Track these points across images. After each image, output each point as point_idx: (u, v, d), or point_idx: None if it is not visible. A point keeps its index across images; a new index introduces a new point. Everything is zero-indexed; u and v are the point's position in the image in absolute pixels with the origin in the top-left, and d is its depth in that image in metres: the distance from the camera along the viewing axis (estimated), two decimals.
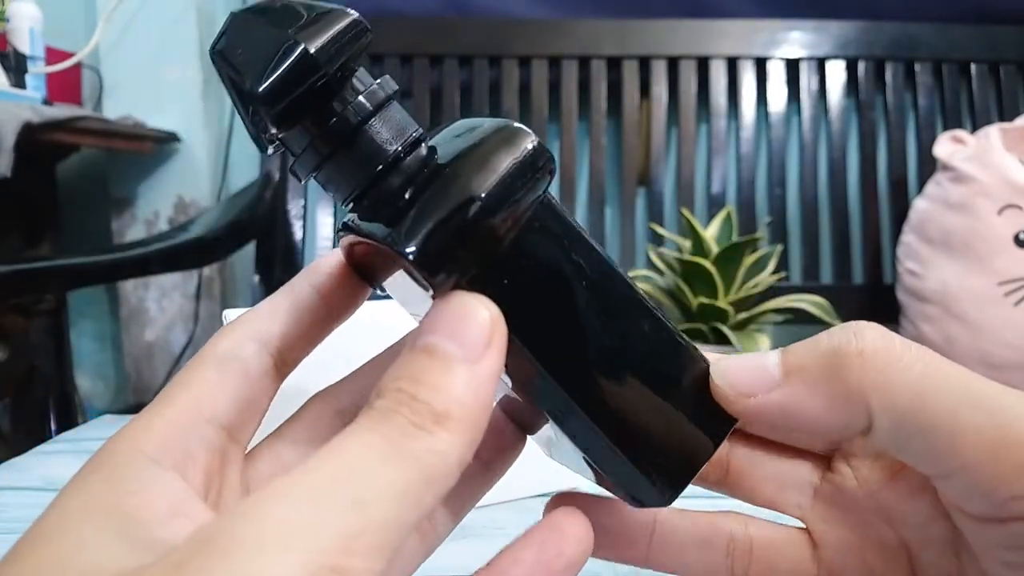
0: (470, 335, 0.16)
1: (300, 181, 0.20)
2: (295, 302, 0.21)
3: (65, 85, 1.24)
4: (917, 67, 1.24)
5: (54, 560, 0.15)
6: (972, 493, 0.18)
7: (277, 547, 0.13)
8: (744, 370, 0.20)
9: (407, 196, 0.18)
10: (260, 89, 0.17)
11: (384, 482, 0.14)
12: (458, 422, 0.15)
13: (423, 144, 0.19)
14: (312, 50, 0.17)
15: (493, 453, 0.23)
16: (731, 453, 0.23)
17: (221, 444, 0.18)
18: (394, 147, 0.18)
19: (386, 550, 0.14)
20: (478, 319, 0.16)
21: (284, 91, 0.17)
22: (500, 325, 0.17)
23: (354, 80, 0.18)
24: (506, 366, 0.17)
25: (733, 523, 0.23)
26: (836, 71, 1.23)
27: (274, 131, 0.18)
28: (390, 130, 0.19)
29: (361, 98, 0.18)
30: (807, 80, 1.23)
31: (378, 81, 0.19)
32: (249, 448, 0.21)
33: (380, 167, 0.18)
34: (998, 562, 0.19)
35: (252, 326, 0.20)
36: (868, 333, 0.19)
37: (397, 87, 0.19)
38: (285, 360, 0.20)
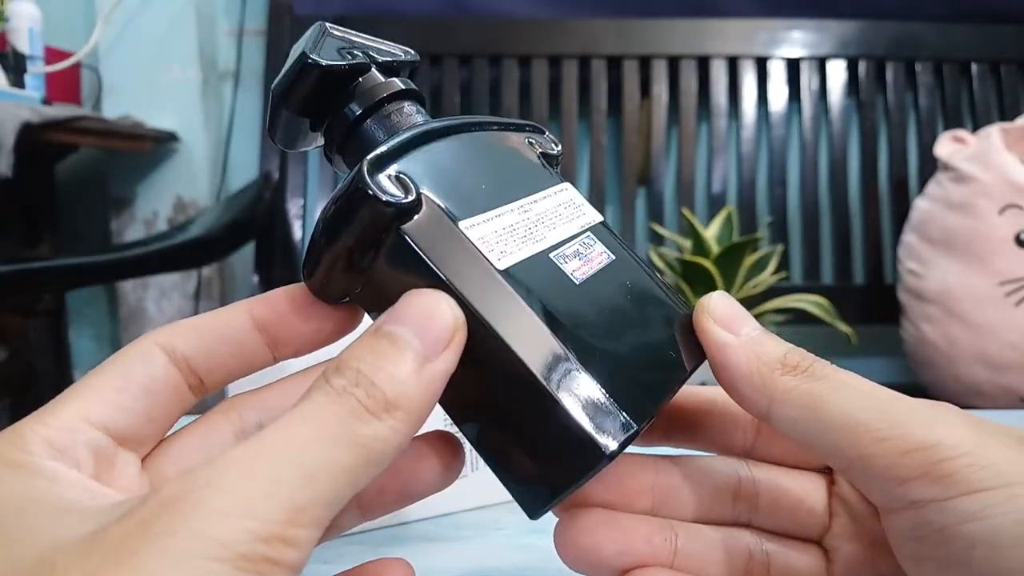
0: (433, 333, 0.17)
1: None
2: (223, 327, 0.20)
3: (64, 85, 1.24)
4: (918, 66, 1.23)
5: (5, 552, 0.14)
6: (870, 481, 0.20)
7: (237, 513, 0.14)
8: (733, 312, 0.22)
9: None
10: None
11: (331, 461, 0.15)
12: (406, 413, 0.16)
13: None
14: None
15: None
16: (756, 480, 0.24)
17: (109, 450, 0.18)
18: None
19: (324, 521, 0.15)
20: (444, 319, 0.17)
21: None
22: (462, 330, 0.18)
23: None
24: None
25: (749, 539, 0.23)
26: (837, 71, 1.23)
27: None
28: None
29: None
30: (808, 80, 1.23)
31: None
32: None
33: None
34: (907, 557, 0.20)
35: (167, 340, 0.20)
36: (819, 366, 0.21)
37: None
38: (203, 382, 0.20)
